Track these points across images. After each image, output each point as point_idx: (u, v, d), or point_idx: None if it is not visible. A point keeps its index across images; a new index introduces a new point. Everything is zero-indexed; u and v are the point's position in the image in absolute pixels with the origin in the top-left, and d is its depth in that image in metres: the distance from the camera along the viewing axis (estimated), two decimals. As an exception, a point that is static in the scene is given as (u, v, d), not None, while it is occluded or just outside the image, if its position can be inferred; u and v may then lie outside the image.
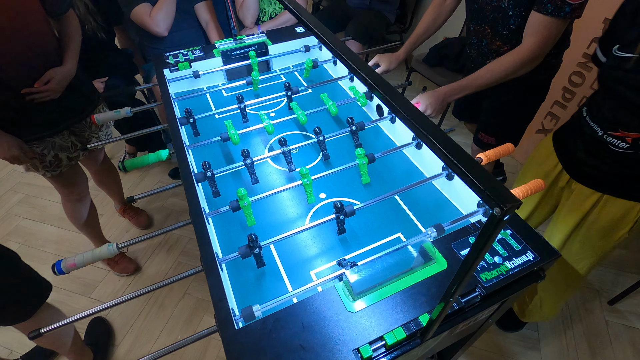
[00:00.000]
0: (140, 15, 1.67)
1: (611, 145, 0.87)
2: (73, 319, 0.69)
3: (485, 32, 1.20)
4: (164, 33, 1.71)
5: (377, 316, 0.60)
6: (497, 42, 1.18)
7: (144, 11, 1.67)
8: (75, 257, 0.74)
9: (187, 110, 1.07)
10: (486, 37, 1.21)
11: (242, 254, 0.71)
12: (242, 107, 1.12)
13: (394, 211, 0.89)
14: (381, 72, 1.36)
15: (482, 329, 0.85)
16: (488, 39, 1.20)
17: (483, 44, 1.23)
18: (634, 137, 0.82)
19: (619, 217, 0.94)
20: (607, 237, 0.99)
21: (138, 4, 1.66)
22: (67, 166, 1.37)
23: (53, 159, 1.31)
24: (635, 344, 1.47)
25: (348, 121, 1.01)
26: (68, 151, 1.35)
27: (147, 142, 2.18)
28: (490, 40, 1.20)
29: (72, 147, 1.38)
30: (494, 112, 1.40)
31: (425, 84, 2.79)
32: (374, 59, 1.36)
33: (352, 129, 1.00)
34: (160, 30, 1.70)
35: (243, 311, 0.62)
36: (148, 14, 1.68)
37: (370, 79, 0.52)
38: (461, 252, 0.69)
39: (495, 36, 1.17)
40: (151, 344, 1.53)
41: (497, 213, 0.34)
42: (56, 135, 1.29)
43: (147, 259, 1.84)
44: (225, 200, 0.90)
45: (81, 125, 1.39)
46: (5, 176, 2.33)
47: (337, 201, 0.78)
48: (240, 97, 1.12)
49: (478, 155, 0.72)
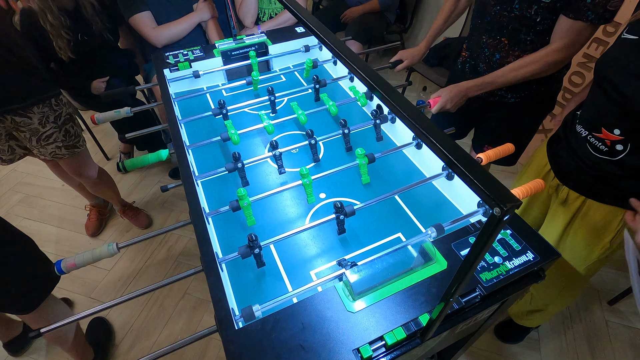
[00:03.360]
0: (140, 25, 1.70)
1: (592, 147, 0.88)
2: (73, 319, 0.69)
3: (502, 44, 1.12)
4: (160, 47, 1.76)
5: (377, 316, 0.60)
6: (516, 52, 1.10)
7: (144, 22, 1.70)
8: (75, 257, 0.74)
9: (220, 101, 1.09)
10: (502, 50, 1.13)
11: (242, 254, 0.71)
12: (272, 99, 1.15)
13: (394, 211, 0.89)
14: (404, 67, 1.37)
15: (482, 329, 0.85)
16: (504, 51, 1.12)
17: (495, 58, 1.16)
18: (612, 140, 0.83)
19: (602, 224, 0.95)
20: (591, 245, 0.99)
21: (138, 12, 1.68)
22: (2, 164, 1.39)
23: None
24: (635, 344, 1.47)
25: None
26: (2, 153, 1.36)
27: (147, 142, 2.18)
28: (506, 53, 1.12)
29: (9, 150, 1.39)
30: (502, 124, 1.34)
31: (425, 83, 2.79)
32: (397, 55, 1.36)
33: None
34: (158, 45, 1.75)
35: (243, 311, 0.62)
36: (149, 25, 1.71)
37: (370, 79, 0.52)
38: (461, 252, 0.69)
39: (514, 47, 1.10)
40: (151, 344, 1.53)
41: (497, 213, 0.34)
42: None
43: (147, 259, 1.84)
44: (225, 200, 0.90)
45: (24, 126, 1.32)
46: (5, 176, 2.33)
47: (337, 201, 0.78)
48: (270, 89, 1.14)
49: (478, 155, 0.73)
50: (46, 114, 1.34)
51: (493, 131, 1.38)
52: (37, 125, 1.33)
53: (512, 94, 1.21)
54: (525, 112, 1.25)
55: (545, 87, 1.18)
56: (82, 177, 1.63)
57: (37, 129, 1.33)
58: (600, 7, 0.89)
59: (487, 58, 1.18)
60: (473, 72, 1.26)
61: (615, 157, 0.85)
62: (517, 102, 1.23)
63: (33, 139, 1.35)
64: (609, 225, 0.94)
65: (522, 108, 1.24)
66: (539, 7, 0.97)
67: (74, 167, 1.55)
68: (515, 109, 1.25)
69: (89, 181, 1.67)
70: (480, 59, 1.22)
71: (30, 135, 1.34)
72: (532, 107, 1.25)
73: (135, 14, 1.68)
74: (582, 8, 0.91)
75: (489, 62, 1.19)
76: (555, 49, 0.99)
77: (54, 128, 1.37)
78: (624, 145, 0.82)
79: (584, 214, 0.98)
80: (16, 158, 1.48)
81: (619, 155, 0.84)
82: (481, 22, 1.15)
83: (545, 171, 1.07)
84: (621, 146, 0.82)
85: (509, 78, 1.06)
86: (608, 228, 0.94)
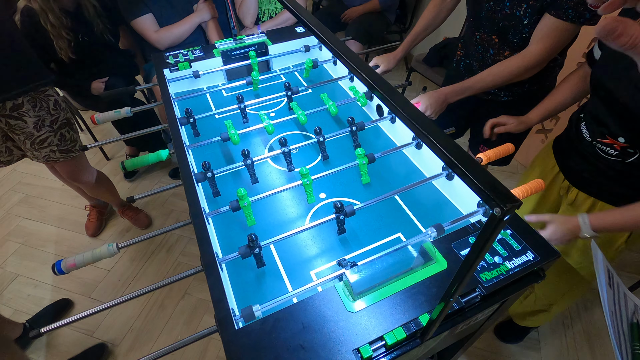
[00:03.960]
0: (143, 28, 1.71)
1: (601, 152, 0.87)
2: (73, 319, 0.69)
3: (492, 42, 1.13)
4: (162, 49, 1.76)
5: (377, 316, 0.60)
6: (505, 52, 1.12)
7: (147, 26, 1.71)
8: (75, 257, 0.74)
9: (187, 110, 1.07)
10: (493, 47, 1.14)
11: (242, 254, 0.71)
12: (242, 107, 1.12)
13: (394, 211, 0.89)
14: (381, 73, 1.35)
15: (482, 329, 0.85)
16: (495, 49, 1.13)
17: (489, 54, 1.17)
18: (622, 146, 0.82)
19: None
20: (604, 246, 0.98)
21: (140, 15, 1.68)
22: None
23: None
24: (635, 344, 1.47)
25: (349, 121, 1.01)
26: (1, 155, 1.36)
27: (147, 142, 2.18)
28: (497, 51, 1.13)
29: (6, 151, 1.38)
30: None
31: (425, 84, 2.79)
32: (373, 60, 1.36)
33: (352, 129, 1.00)
34: (160, 47, 1.75)
35: (243, 311, 0.62)
36: (151, 28, 1.72)
37: (370, 79, 0.52)
38: (461, 252, 0.69)
39: (503, 45, 1.11)
40: (151, 344, 1.53)
41: (497, 213, 0.33)
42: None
43: (147, 259, 1.84)
44: (225, 200, 0.90)
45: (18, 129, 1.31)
46: (5, 176, 2.33)
47: (337, 201, 0.78)
48: (240, 97, 1.12)
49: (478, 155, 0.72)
50: (42, 118, 1.32)
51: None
52: (32, 129, 1.31)
53: (505, 92, 1.21)
54: (518, 110, 1.26)
55: (537, 86, 1.18)
56: (79, 182, 1.62)
57: (31, 133, 1.32)
58: (581, 5, 0.89)
59: (481, 55, 1.19)
60: (468, 70, 1.27)
61: (627, 158, 0.83)
62: (510, 101, 1.23)
63: (27, 142, 1.34)
64: None
65: (515, 106, 1.24)
66: (529, 6, 0.97)
67: (70, 171, 1.54)
68: (508, 107, 1.25)
69: (86, 186, 1.67)
70: (473, 57, 1.22)
71: (25, 139, 1.33)
72: (525, 106, 1.25)
73: (137, 17, 1.68)
74: (563, 5, 0.91)
75: (482, 60, 1.19)
76: (534, 51, 1.00)
77: (49, 132, 1.36)
78: (633, 149, 0.81)
79: None
80: (14, 159, 1.47)
81: (632, 158, 0.82)
82: (475, 18, 1.16)
83: (554, 173, 1.06)
84: (632, 149, 0.81)
85: (488, 82, 1.06)
86: None
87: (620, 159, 0.84)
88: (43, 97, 1.32)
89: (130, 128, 1.92)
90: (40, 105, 1.31)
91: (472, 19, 1.17)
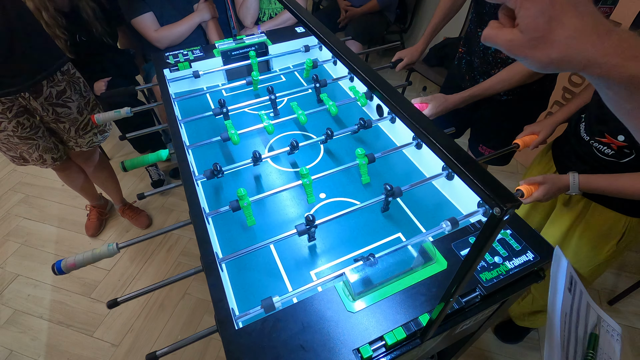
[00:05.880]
0: (143, 27, 1.71)
1: (597, 151, 0.88)
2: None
3: None
4: (162, 48, 1.77)
5: (377, 316, 0.60)
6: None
7: (147, 25, 1.71)
8: (75, 257, 0.74)
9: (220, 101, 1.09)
10: None
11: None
12: (272, 99, 1.14)
13: (394, 211, 0.89)
14: (405, 66, 1.38)
15: (482, 329, 0.85)
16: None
17: (490, 51, 1.17)
18: (619, 145, 0.82)
19: (607, 227, 0.95)
20: (597, 248, 0.99)
21: (141, 14, 1.68)
22: (54, 164, 1.39)
23: (37, 158, 1.32)
24: (635, 344, 1.47)
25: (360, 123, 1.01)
26: (52, 152, 1.36)
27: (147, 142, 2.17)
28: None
29: (55, 147, 1.38)
30: (494, 124, 1.36)
31: (425, 83, 2.79)
32: (396, 55, 1.37)
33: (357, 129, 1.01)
34: (160, 47, 1.76)
35: (263, 302, 0.62)
36: (151, 27, 1.72)
37: (370, 79, 0.52)
38: (461, 252, 0.69)
39: None
40: (151, 344, 1.53)
41: (497, 213, 0.33)
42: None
43: (147, 259, 1.84)
44: (226, 200, 0.90)
45: (64, 117, 1.36)
46: (5, 176, 2.33)
47: (387, 184, 0.80)
48: (270, 88, 1.14)
49: (515, 141, 0.69)
50: (79, 102, 1.37)
51: (486, 129, 1.39)
52: (76, 114, 1.35)
53: (505, 92, 1.22)
54: (517, 109, 1.27)
55: (537, 86, 1.19)
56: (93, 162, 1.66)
57: (76, 119, 1.36)
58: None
59: (482, 52, 1.20)
60: (469, 67, 1.28)
61: (623, 159, 0.84)
62: (509, 100, 1.24)
63: (72, 129, 1.37)
64: (615, 226, 0.94)
65: (514, 105, 1.25)
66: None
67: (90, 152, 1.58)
68: (508, 106, 1.26)
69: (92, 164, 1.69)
70: (475, 54, 1.23)
71: (70, 126, 1.36)
72: (524, 105, 1.26)
73: (137, 16, 1.68)
74: None
75: (484, 57, 1.20)
76: None
77: (88, 115, 1.40)
78: (629, 150, 0.81)
79: (589, 216, 0.97)
80: (63, 157, 1.49)
81: (627, 158, 0.83)
82: (478, 14, 1.17)
83: (551, 173, 1.06)
84: (628, 150, 0.82)
85: (497, 89, 1.08)
86: (614, 230, 0.94)
87: (616, 159, 0.85)
88: (74, 79, 1.37)
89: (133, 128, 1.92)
90: (75, 89, 1.35)
91: (476, 15, 1.18)
